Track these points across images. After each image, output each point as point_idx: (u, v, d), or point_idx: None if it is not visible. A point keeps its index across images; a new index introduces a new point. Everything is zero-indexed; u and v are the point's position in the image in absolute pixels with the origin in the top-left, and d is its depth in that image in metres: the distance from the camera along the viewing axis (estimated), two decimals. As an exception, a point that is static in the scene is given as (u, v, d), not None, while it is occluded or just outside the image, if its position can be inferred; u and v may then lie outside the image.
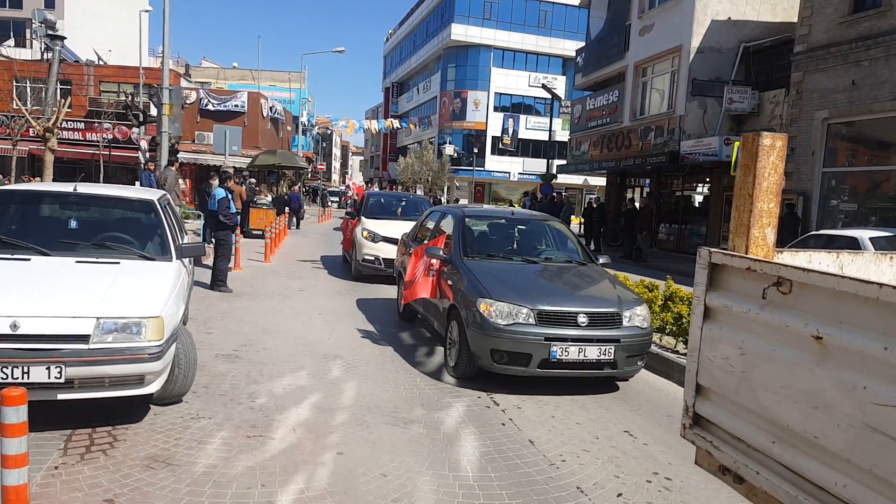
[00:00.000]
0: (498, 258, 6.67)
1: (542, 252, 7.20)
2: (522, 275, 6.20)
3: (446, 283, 6.32)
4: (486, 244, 7.13)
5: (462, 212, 7.37)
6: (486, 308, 5.41)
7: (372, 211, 12.73)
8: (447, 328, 6.15)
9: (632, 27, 21.91)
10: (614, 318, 5.52)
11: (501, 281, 5.80)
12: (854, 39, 14.07)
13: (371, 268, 11.21)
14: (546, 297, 5.57)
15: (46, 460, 3.66)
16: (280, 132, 41.19)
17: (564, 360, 5.24)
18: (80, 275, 4.40)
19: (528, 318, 5.33)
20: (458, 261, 6.40)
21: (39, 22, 15.10)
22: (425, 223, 8.49)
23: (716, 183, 19.18)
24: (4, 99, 23.68)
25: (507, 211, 8.34)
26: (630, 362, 5.57)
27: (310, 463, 3.90)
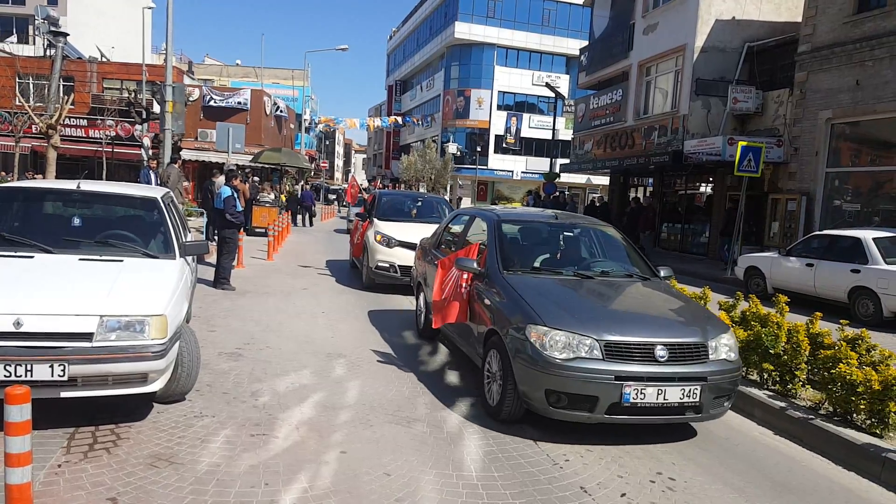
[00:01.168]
0: (544, 272, 5.60)
1: (595, 264, 6.09)
2: (578, 294, 5.22)
3: (482, 303, 5.35)
4: (528, 255, 6.03)
5: (497, 215, 6.27)
6: (539, 337, 4.41)
7: (385, 212, 11.52)
8: (484, 358, 5.10)
9: (636, 26, 21.86)
10: (699, 349, 4.50)
11: (554, 302, 4.82)
12: (858, 39, 14.03)
13: (385, 276, 10.14)
14: (613, 324, 4.54)
15: (50, 458, 3.66)
16: (283, 130, 41.20)
17: (639, 404, 4.24)
18: (84, 273, 4.40)
19: (592, 350, 4.32)
20: (497, 276, 5.38)
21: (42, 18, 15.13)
22: (450, 228, 7.55)
23: (719, 182, 19.14)
24: (7, 96, 23.72)
25: (549, 214, 7.00)
26: (717, 404, 4.54)
27: (313, 462, 3.90)
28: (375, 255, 10.20)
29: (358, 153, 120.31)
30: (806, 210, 15.28)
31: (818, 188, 15.25)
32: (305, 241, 19.29)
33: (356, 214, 12.78)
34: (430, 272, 6.89)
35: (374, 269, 10.20)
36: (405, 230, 10.35)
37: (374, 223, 10.81)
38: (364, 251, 10.79)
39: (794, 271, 11.42)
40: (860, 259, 10.27)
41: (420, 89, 60.46)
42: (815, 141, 15.23)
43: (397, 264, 10.01)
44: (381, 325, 8.00)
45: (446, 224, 7.75)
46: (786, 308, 5.82)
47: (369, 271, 10.35)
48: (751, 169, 14.05)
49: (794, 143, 15.87)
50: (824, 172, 15.24)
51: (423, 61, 58.51)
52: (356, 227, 12.00)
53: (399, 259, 9.99)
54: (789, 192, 15.86)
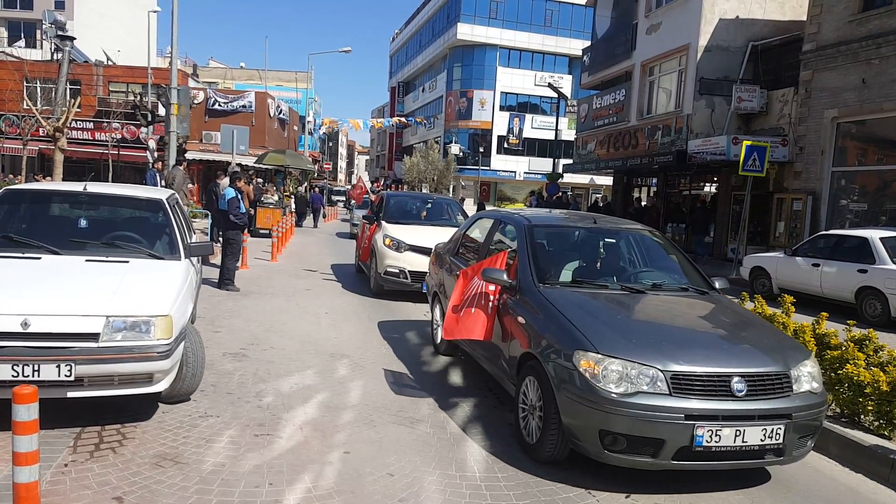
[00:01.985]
0: (586, 285, 4.84)
1: (642, 275, 5.37)
2: (631, 312, 4.53)
3: (514, 321, 4.64)
4: (565, 265, 5.32)
5: (527, 220, 5.56)
6: (590, 367, 3.74)
7: (393, 214, 10.95)
8: (519, 386, 4.42)
9: (639, 26, 21.84)
10: (781, 380, 3.84)
11: (604, 322, 4.15)
12: (864, 38, 13.98)
13: (395, 282, 9.58)
14: (679, 350, 3.85)
15: (56, 458, 3.69)
16: (286, 132, 41.30)
17: (713, 447, 3.61)
18: (90, 273, 4.42)
19: (656, 383, 3.66)
20: (532, 290, 4.68)
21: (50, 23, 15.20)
22: (469, 233, 6.83)
23: (724, 182, 19.10)
24: (15, 99, 23.82)
25: (586, 217, 6.27)
26: (800, 444, 3.90)
27: (317, 462, 3.91)
28: (384, 260, 9.66)
29: (361, 154, 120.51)
30: (812, 210, 15.23)
31: (824, 187, 15.20)
32: (309, 242, 19.33)
33: (363, 217, 12.12)
34: (448, 282, 6.30)
35: (383, 275, 9.66)
36: (415, 233, 9.90)
37: (383, 226, 10.31)
38: (371, 256, 10.28)
39: (800, 271, 11.39)
40: (867, 259, 10.23)
41: (423, 90, 60.53)
42: (821, 140, 15.18)
43: (408, 270, 9.48)
44: (385, 326, 8.01)
45: (465, 229, 7.01)
46: (791, 308, 5.79)
47: (378, 277, 9.81)
48: (755, 168, 14.02)
49: (799, 142, 15.83)
50: (830, 172, 15.19)
51: (425, 63, 58.58)
52: (363, 231, 11.54)
53: (409, 264, 9.49)
54: (795, 191, 15.81)
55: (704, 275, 5.34)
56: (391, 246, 9.68)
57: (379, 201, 12.08)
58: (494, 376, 5.21)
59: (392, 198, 12.06)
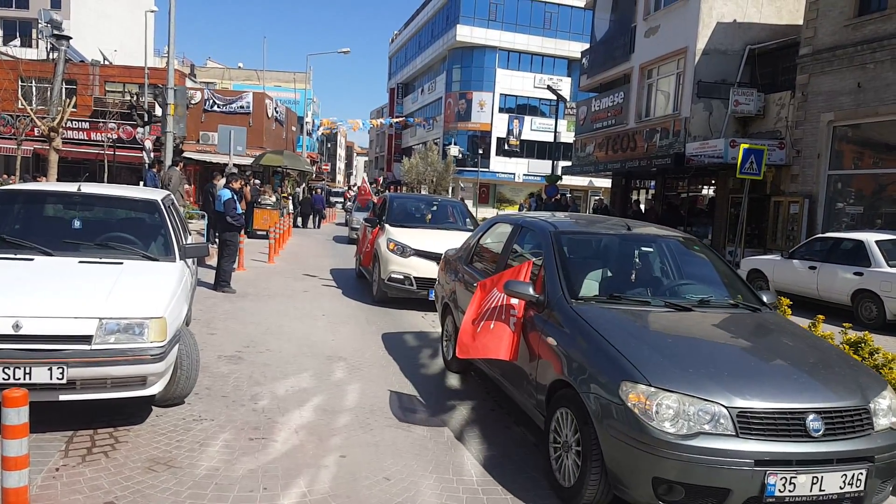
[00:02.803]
0: (625, 302, 4.26)
1: (685, 288, 4.79)
2: (681, 334, 3.97)
3: (542, 341, 4.11)
4: (599, 278, 4.75)
5: (553, 226, 4.96)
6: (641, 401, 3.20)
7: (397, 217, 10.46)
8: (550, 418, 3.88)
9: (637, 29, 21.87)
10: (861, 416, 3.30)
11: (653, 347, 3.60)
12: (860, 42, 14.02)
13: (400, 289, 9.13)
14: (743, 382, 3.31)
15: (47, 462, 3.65)
16: (285, 133, 41.26)
17: (787, 498, 3.10)
18: (83, 275, 4.38)
19: (719, 422, 3.12)
20: (563, 306, 4.12)
21: (45, 22, 15.18)
22: (484, 240, 6.29)
23: (721, 185, 19.12)
24: (10, 99, 23.73)
25: (617, 222, 5.56)
26: (881, 489, 3.38)
27: (312, 466, 3.88)
28: (388, 265, 9.18)
29: (360, 156, 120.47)
30: (808, 213, 15.25)
31: (820, 191, 15.22)
32: (307, 244, 19.30)
33: (364, 220, 11.40)
34: (461, 293, 5.90)
35: (387, 282, 9.17)
36: (421, 238, 9.45)
37: (386, 230, 9.84)
38: (374, 261, 9.78)
39: (797, 274, 11.40)
40: (863, 262, 10.24)
41: (422, 92, 60.54)
42: (817, 143, 15.21)
43: (413, 276, 9.02)
44: (383, 330, 7.98)
45: (480, 235, 6.40)
46: (788, 311, 5.78)
47: (381, 284, 9.30)
48: (753, 171, 14.03)
49: (796, 145, 15.85)
50: (826, 175, 15.22)
51: (424, 64, 58.60)
52: (364, 234, 11.06)
53: (415, 270, 9.04)
54: (791, 194, 15.83)
55: (752, 288, 4.82)
56: (396, 251, 9.23)
57: (381, 203, 11.59)
58: (517, 402, 4.63)
59: (395, 200, 11.53)
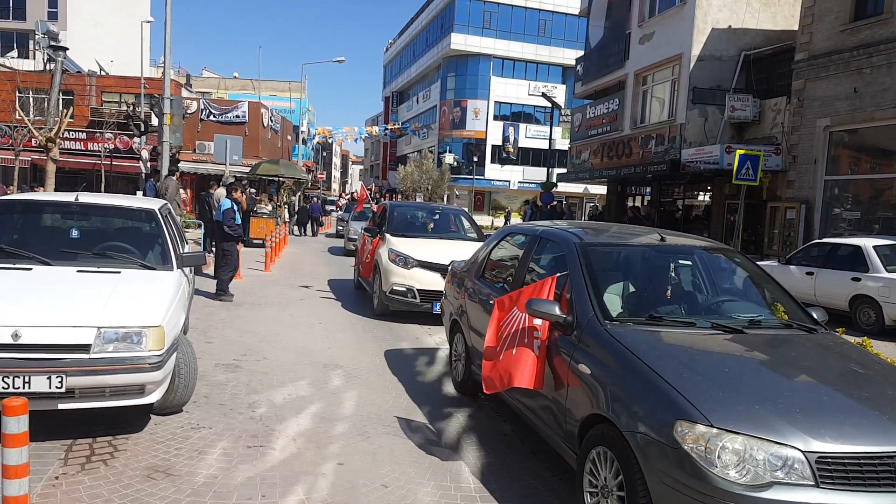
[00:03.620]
0: (667, 323, 3.75)
1: (730, 307, 4.30)
2: (737, 361, 3.44)
3: (573, 368, 3.60)
4: (635, 297, 4.28)
5: (578, 236, 4.45)
6: (699, 443, 2.72)
7: (398, 227, 10.04)
8: (584, 458, 3.37)
9: (632, 35, 21.99)
10: None
11: (709, 378, 3.08)
12: (855, 47, 14.11)
13: (402, 302, 8.73)
14: (820, 420, 2.82)
15: (47, 470, 3.64)
16: (280, 142, 41.30)
17: None
18: (82, 284, 4.39)
19: (794, 468, 2.63)
20: (596, 329, 3.62)
21: (42, 33, 15.20)
22: (496, 251, 5.81)
23: (717, 191, 19.18)
24: (7, 109, 23.77)
25: (649, 233, 5.01)
26: None
27: (310, 473, 3.87)
28: (390, 277, 8.78)
29: (355, 164, 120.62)
30: (805, 218, 15.30)
31: (817, 196, 15.28)
32: (303, 252, 19.30)
33: (364, 229, 11.09)
34: (472, 309, 5.47)
35: (389, 294, 8.78)
36: (424, 248, 9.08)
37: (387, 240, 9.46)
38: (375, 272, 9.39)
39: (794, 280, 11.42)
40: (861, 267, 10.27)
41: (417, 100, 60.71)
42: (814, 149, 15.27)
43: (416, 288, 8.64)
44: (379, 337, 7.97)
45: (492, 245, 5.89)
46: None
47: (382, 296, 8.90)
48: (749, 177, 14.07)
49: (792, 151, 15.93)
50: (823, 180, 15.28)
51: (419, 72, 58.80)
52: (363, 244, 10.65)
53: (418, 282, 8.67)
54: (788, 200, 15.89)
55: (802, 305, 4.29)
56: (397, 262, 8.86)
57: (381, 212, 11.17)
58: (538, 431, 4.15)
59: (396, 208, 11.07)
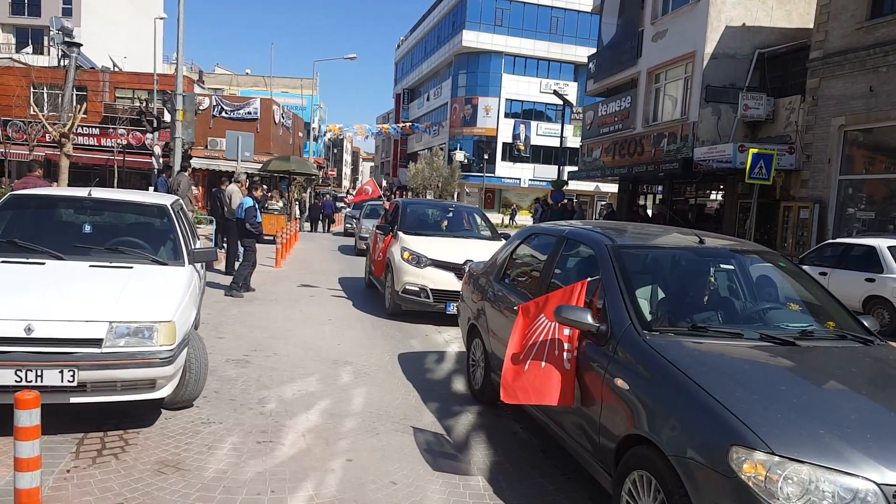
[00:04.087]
0: (712, 334, 3.42)
1: (779, 316, 3.96)
2: (794, 378, 3.11)
3: (607, 382, 3.31)
4: (674, 304, 3.95)
5: (610, 238, 4.14)
6: (759, 473, 2.44)
7: (411, 225, 9.89)
8: (621, 484, 3.08)
9: (644, 33, 21.85)
10: None
11: (765, 397, 2.78)
12: (872, 45, 13.94)
13: (415, 301, 8.58)
14: (893, 443, 2.55)
15: (59, 464, 3.67)
16: (291, 138, 41.43)
17: None
18: (94, 279, 4.42)
19: (866, 501, 2.38)
20: (634, 340, 3.32)
21: (57, 29, 15.31)
22: (518, 252, 5.49)
23: (730, 190, 19.04)
24: (22, 105, 23.99)
25: (685, 234, 4.54)
26: None
27: (319, 469, 3.88)
28: (403, 276, 8.64)
29: (366, 161, 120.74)
30: (819, 218, 15.15)
31: (831, 196, 15.12)
32: (313, 248, 19.35)
33: (376, 227, 10.92)
34: (492, 314, 5.18)
35: (401, 294, 8.64)
36: (438, 246, 8.94)
37: (400, 238, 9.30)
38: (387, 271, 9.26)
39: (806, 279, 11.30)
40: (875, 268, 10.16)
41: (428, 97, 60.69)
42: (828, 148, 15.12)
43: (429, 288, 8.50)
44: (388, 333, 7.98)
45: (514, 246, 5.54)
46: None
47: (395, 295, 8.75)
48: (762, 176, 13.95)
49: (806, 150, 15.77)
50: (837, 180, 15.12)
51: (430, 70, 58.77)
52: (375, 242, 10.59)
53: (432, 282, 8.52)
54: (802, 199, 15.74)
55: (852, 313, 3.96)
56: (410, 260, 8.70)
57: (393, 209, 10.95)
58: (566, 447, 3.88)
59: (409, 206, 10.79)
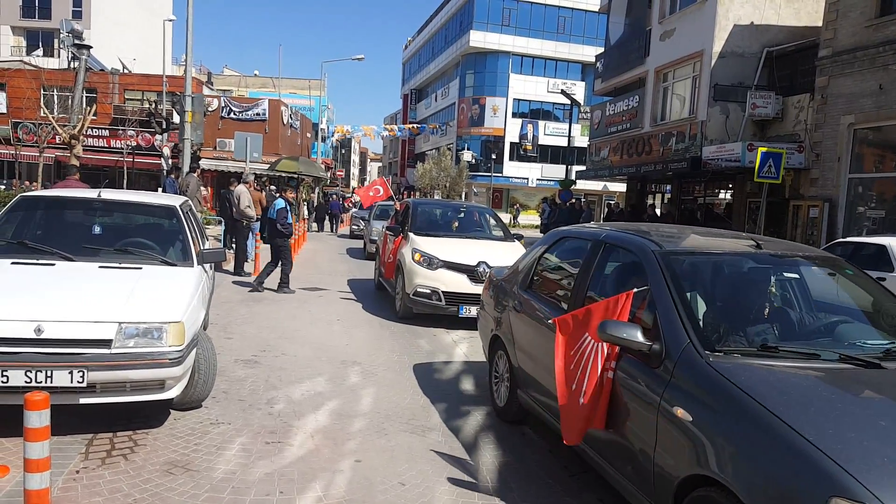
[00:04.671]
0: (785, 355, 2.98)
1: (854, 332, 3.48)
2: (886, 406, 2.64)
3: (663, 411, 2.91)
4: (735, 319, 3.41)
5: (657, 243, 3.67)
6: None
7: (421, 225, 9.65)
8: None
9: (652, 32, 21.77)
10: None
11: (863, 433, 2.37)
12: (881, 43, 13.82)
13: (427, 304, 8.33)
14: None
15: (68, 464, 3.69)
16: (300, 139, 41.54)
17: None
18: (103, 280, 4.44)
19: None
20: (695, 362, 2.90)
21: (67, 32, 15.40)
22: (547, 259, 4.94)
23: (739, 189, 18.93)
24: (32, 107, 24.17)
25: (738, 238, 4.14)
26: None
27: (328, 470, 3.89)
28: (414, 278, 8.38)
29: (373, 161, 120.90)
30: (828, 217, 15.05)
31: (841, 194, 15.01)
32: (321, 249, 19.39)
33: (386, 228, 10.60)
34: (519, 326, 4.74)
35: (412, 297, 8.39)
36: (450, 248, 8.68)
37: (410, 239, 9.06)
38: (397, 273, 9.03)
39: (816, 279, 11.22)
40: (885, 267, 10.06)
41: (435, 98, 60.68)
42: (838, 146, 15.01)
43: (441, 290, 8.23)
44: (396, 333, 7.98)
45: (541, 251, 4.98)
46: None
47: (406, 298, 8.51)
48: (771, 175, 13.86)
49: (815, 148, 15.66)
50: (847, 178, 15.01)
51: (438, 70, 58.76)
52: (385, 243, 10.39)
53: (444, 284, 8.26)
54: (811, 198, 15.64)
55: None
56: (422, 262, 8.46)
57: (404, 210, 10.69)
58: (614, 486, 3.37)
59: (419, 206, 10.52)
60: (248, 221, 12.41)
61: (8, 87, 30.17)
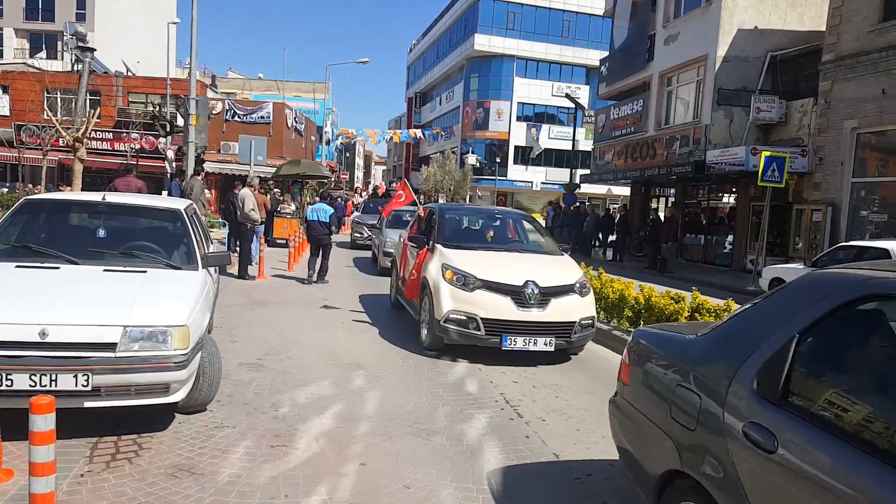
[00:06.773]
0: None
1: None
2: None
3: None
4: None
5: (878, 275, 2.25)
6: None
7: (450, 235, 8.02)
8: None
9: (656, 36, 21.79)
10: None
11: None
12: (884, 48, 13.82)
13: (462, 334, 6.68)
14: None
15: (73, 468, 3.69)
16: (304, 142, 41.61)
17: None
18: (108, 283, 4.44)
19: None
20: None
21: (71, 34, 15.47)
22: (813, 337, 2.34)
23: (742, 193, 18.92)
24: (35, 110, 24.27)
25: None
26: None
27: (333, 473, 3.88)
28: (446, 301, 6.77)
29: (378, 165, 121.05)
30: (832, 221, 15.03)
31: (844, 198, 15.00)
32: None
33: (408, 238, 8.80)
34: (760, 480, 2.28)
35: (443, 324, 6.75)
36: (489, 263, 7.11)
37: (438, 252, 7.45)
38: (423, 294, 7.39)
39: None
40: (889, 271, 10.04)
41: (440, 101, 60.75)
42: (841, 151, 15.00)
43: (480, 317, 6.60)
44: (400, 338, 7.97)
45: (805, 322, 2.37)
46: None
47: (435, 325, 6.87)
48: (775, 179, 13.86)
49: (818, 152, 15.65)
50: (850, 182, 15.00)
51: (442, 73, 58.84)
52: (405, 256, 8.83)
53: (483, 309, 6.62)
54: (814, 202, 15.62)
55: None
56: (455, 282, 6.85)
57: (427, 216, 8.93)
58: None
59: (446, 212, 8.78)
60: (253, 224, 12.42)
61: (11, 89, 30.32)
